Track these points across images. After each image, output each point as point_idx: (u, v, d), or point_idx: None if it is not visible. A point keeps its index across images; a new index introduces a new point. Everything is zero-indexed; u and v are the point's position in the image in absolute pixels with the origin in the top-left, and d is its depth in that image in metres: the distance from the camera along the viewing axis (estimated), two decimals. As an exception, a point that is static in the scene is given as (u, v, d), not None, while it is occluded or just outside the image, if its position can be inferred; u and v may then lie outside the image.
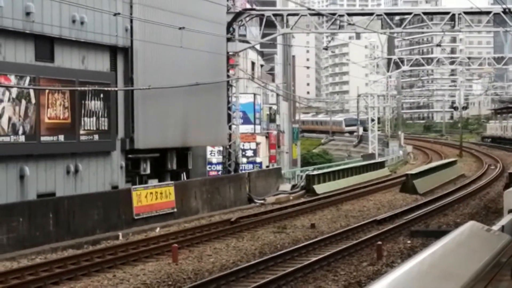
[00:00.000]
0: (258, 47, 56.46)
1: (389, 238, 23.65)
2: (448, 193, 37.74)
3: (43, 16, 25.82)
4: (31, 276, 17.96)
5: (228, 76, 37.90)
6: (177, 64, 33.09)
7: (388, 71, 72.21)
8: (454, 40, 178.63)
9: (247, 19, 38.24)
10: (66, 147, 27.10)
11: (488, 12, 37.56)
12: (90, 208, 24.25)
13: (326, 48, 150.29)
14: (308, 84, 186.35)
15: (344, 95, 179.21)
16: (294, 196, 37.18)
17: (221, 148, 40.14)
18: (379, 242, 21.31)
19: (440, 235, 13.56)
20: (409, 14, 39.16)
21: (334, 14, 37.73)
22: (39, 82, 25.77)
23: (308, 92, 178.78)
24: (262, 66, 63.00)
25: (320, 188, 38.89)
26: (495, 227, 13.21)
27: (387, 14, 38.00)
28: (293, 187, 40.26)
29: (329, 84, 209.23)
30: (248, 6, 45.19)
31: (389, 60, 74.42)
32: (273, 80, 64.19)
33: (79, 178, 27.95)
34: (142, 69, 31.12)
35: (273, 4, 66.43)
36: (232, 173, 37.49)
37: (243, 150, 43.52)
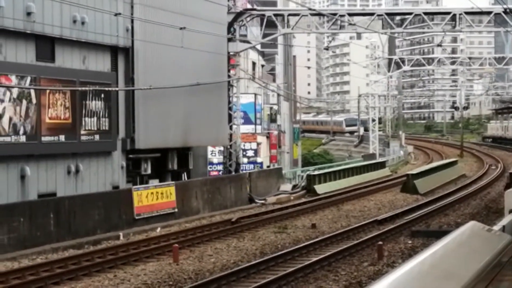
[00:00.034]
0: (259, 47, 56.48)
1: (390, 238, 23.64)
2: (449, 193, 37.73)
3: (44, 16, 25.82)
4: (32, 276, 17.96)
5: (229, 76, 37.90)
6: (178, 64, 33.09)
7: (389, 71, 72.19)
8: (455, 40, 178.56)
9: (248, 19, 38.25)
10: (67, 147, 27.10)
11: (489, 12, 37.55)
12: (91, 208, 24.26)
13: (327, 48, 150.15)
14: (309, 84, 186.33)
15: (345, 95, 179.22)
16: (295, 196, 37.17)
17: (222, 148, 40.14)
18: (380, 242, 21.29)
19: (441, 235, 13.57)
20: (410, 14, 39.14)
21: (335, 14, 37.73)
22: (40, 82, 25.78)
23: (309, 92, 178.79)
24: (263, 66, 62.99)
25: (321, 188, 38.89)
26: (496, 227, 13.22)
27: (388, 14, 38.01)
28: (294, 187, 40.26)
29: (330, 84, 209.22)
30: (249, 6, 45.19)
31: (390, 60, 74.35)
32: (274, 80, 64.18)
33: (80, 178, 27.95)
34: (143, 69, 31.13)
35: (274, 4, 66.43)
36: (233, 173, 37.49)
37: (244, 150, 43.52)
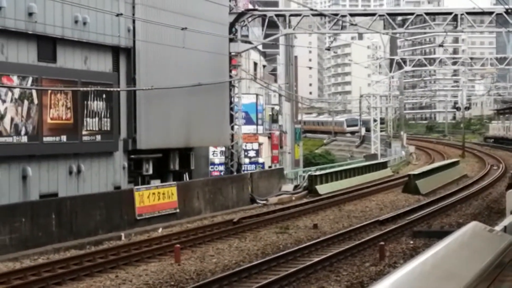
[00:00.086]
0: (260, 47, 56.46)
1: (391, 239, 23.63)
2: (450, 193, 37.72)
3: (46, 17, 25.83)
4: (33, 276, 17.97)
5: (230, 76, 37.91)
6: (179, 64, 33.10)
7: (390, 71, 72.25)
8: (456, 40, 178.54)
9: (250, 19, 38.25)
10: (69, 147, 27.11)
11: (490, 13, 37.55)
12: (93, 208, 24.26)
13: (329, 49, 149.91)
14: (310, 84, 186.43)
15: (346, 96, 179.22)
16: (297, 196, 37.16)
17: (223, 149, 40.15)
18: (382, 243, 21.28)
19: (442, 235, 13.57)
20: (411, 14, 39.12)
21: (336, 15, 37.73)
22: (41, 83, 25.79)
23: (310, 93, 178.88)
24: (264, 66, 63.02)
25: (323, 189, 38.88)
26: (497, 228, 13.21)
27: (389, 15, 38.00)
28: (295, 187, 40.26)
29: (331, 84, 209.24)
30: (251, 7, 45.23)
31: (391, 60, 74.40)
32: (275, 81, 64.20)
33: (81, 179, 27.96)
34: (145, 69, 31.14)
35: (275, 4, 66.45)
36: (235, 173, 37.49)
37: (246, 151, 43.54)
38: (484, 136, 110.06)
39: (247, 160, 43.76)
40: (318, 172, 42.42)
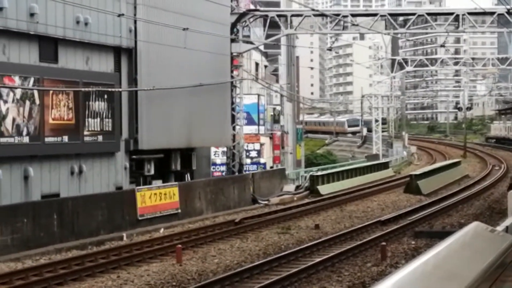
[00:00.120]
0: (262, 48, 56.47)
1: (393, 239, 23.63)
2: (452, 193, 37.72)
3: (47, 17, 25.84)
4: (35, 277, 17.98)
5: (232, 77, 37.91)
6: (181, 65, 33.11)
7: (392, 71, 72.18)
8: (458, 40, 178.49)
9: (251, 20, 38.23)
10: (70, 148, 27.12)
11: (492, 13, 37.53)
12: (94, 209, 24.27)
13: (330, 49, 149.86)
14: (312, 84, 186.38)
15: (348, 96, 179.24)
16: (298, 197, 37.16)
17: (225, 149, 40.15)
18: (383, 243, 21.29)
19: (444, 235, 13.55)
20: (413, 14, 39.10)
21: (338, 15, 37.71)
22: (43, 83, 25.80)
23: (312, 93, 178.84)
24: (266, 67, 63.01)
25: (324, 189, 38.88)
26: (499, 228, 13.22)
27: (391, 15, 37.98)
28: (297, 187, 40.27)
29: (333, 84, 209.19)
30: (252, 7, 45.21)
31: (393, 60, 74.34)
32: (277, 81, 64.18)
33: (83, 179, 27.97)
34: (146, 70, 31.15)
35: (277, 5, 66.42)
36: (236, 174, 37.49)
37: (247, 151, 43.53)
38: (485, 136, 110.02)
39: (248, 161, 43.75)
40: (319, 173, 42.42)
